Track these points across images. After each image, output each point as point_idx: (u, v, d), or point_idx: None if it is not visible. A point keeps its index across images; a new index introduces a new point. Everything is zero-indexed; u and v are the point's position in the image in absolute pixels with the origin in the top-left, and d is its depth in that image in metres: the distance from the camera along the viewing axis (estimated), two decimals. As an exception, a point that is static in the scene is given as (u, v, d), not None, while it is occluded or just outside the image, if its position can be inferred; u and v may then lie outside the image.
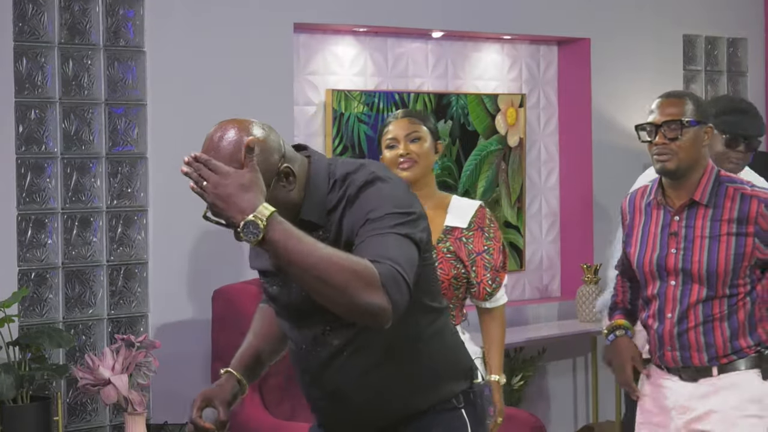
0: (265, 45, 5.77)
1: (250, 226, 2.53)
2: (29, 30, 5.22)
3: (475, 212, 4.25)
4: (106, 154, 5.40)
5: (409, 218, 2.68)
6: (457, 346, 2.94)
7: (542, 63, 7.06)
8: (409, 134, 4.23)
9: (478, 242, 4.20)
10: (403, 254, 2.60)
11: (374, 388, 2.82)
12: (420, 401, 2.83)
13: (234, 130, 2.72)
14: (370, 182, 2.71)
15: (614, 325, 4.02)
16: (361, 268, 2.52)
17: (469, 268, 4.17)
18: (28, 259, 5.22)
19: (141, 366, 5.06)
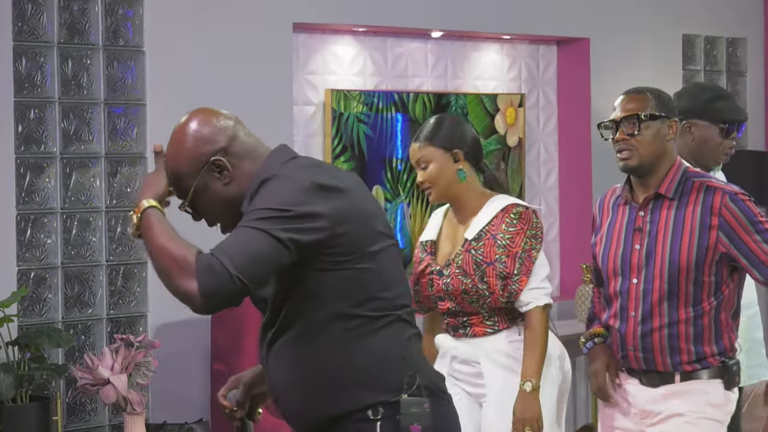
0: (265, 45, 5.77)
1: (132, 219, 2.81)
2: (28, 30, 5.22)
3: (491, 219, 4.11)
4: (106, 154, 5.41)
5: (282, 215, 2.69)
6: (389, 355, 2.86)
7: (542, 63, 7.06)
8: (417, 161, 4.19)
9: (489, 251, 4.08)
10: (241, 246, 2.65)
11: (293, 386, 2.88)
12: (336, 404, 2.84)
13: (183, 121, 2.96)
14: (267, 179, 2.77)
15: (592, 333, 3.94)
16: (182, 256, 2.66)
17: (476, 281, 4.06)
18: (27, 258, 5.23)
19: (140, 366, 5.07)
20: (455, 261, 4.12)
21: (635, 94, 3.79)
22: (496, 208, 4.13)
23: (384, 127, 6.35)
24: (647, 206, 3.76)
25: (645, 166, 3.73)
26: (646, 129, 3.71)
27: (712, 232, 3.65)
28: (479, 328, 4.14)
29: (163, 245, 2.70)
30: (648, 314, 3.72)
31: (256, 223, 2.67)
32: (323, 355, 2.82)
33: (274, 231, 2.66)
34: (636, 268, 3.74)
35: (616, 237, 3.82)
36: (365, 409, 2.82)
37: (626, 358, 3.80)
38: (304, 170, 2.79)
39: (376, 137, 6.34)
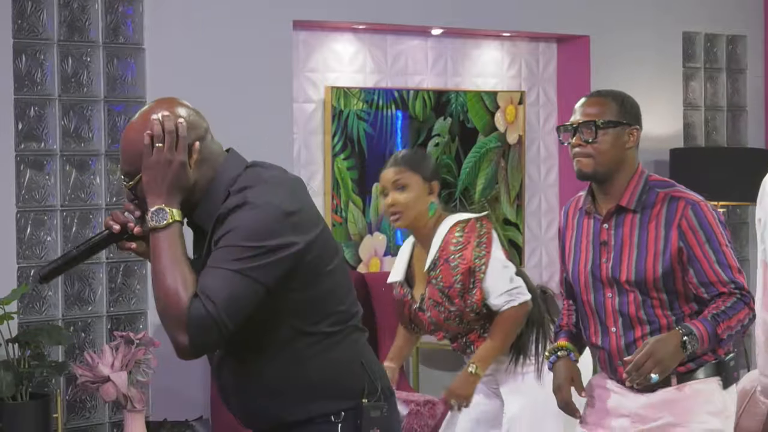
0: (265, 42, 5.77)
1: (161, 213, 2.72)
2: (28, 27, 5.22)
3: (441, 245, 4.14)
4: (106, 152, 5.40)
5: (256, 253, 2.68)
6: (347, 365, 2.91)
7: (542, 60, 7.06)
8: (395, 181, 4.16)
9: (447, 276, 4.13)
10: (227, 294, 2.65)
11: (250, 395, 2.89)
12: (295, 413, 2.87)
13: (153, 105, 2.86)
14: (239, 206, 2.72)
15: (555, 347, 3.87)
16: (177, 302, 2.65)
17: (447, 306, 4.12)
18: (27, 256, 5.22)
19: (140, 363, 5.06)
20: (425, 295, 4.17)
21: (596, 97, 3.64)
22: (443, 232, 4.16)
23: (384, 124, 6.35)
24: (610, 219, 3.66)
25: (601, 174, 3.59)
26: (604, 135, 3.55)
27: (674, 244, 3.52)
28: (480, 342, 4.18)
29: (165, 280, 2.68)
30: (628, 326, 3.61)
31: (236, 265, 2.67)
32: (285, 369, 2.84)
33: (253, 273, 2.68)
34: (607, 282, 3.65)
35: (584, 250, 3.70)
36: (328, 415, 2.87)
37: (615, 372, 3.71)
38: (273, 193, 2.76)
39: (376, 135, 6.34)
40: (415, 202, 4.16)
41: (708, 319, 3.51)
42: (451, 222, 4.18)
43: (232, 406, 2.97)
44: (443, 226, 4.18)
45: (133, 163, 2.76)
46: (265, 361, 2.83)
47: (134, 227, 2.80)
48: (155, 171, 2.73)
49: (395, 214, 4.17)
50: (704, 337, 3.50)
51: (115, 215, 2.80)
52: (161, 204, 2.73)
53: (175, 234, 2.72)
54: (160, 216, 2.72)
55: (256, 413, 2.91)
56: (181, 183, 2.75)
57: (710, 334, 3.51)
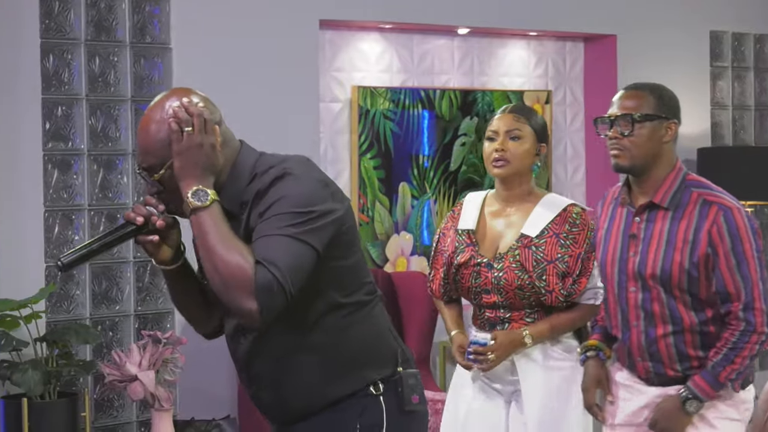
0: (291, 41, 5.77)
1: (201, 193, 2.74)
2: (56, 27, 5.23)
3: (555, 217, 4.06)
4: (133, 151, 5.41)
5: (307, 218, 2.73)
6: (381, 334, 2.97)
7: (568, 59, 7.04)
8: (510, 130, 4.08)
9: (551, 250, 4.02)
10: (288, 258, 2.68)
11: (291, 376, 2.89)
12: (338, 389, 2.90)
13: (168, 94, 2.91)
14: (280, 177, 2.77)
15: (587, 345, 3.86)
16: (240, 269, 2.66)
17: (534, 278, 4.00)
18: (55, 255, 5.22)
19: (167, 362, 5.07)
20: (511, 255, 4.04)
21: (634, 90, 3.62)
22: (557, 207, 4.09)
23: (410, 123, 6.34)
24: (643, 213, 3.63)
25: (637, 168, 3.56)
26: (641, 129, 3.53)
27: (702, 249, 3.50)
28: (518, 324, 4.07)
29: (222, 255, 2.68)
30: (650, 323, 3.59)
31: (289, 230, 2.70)
32: (323, 343, 2.87)
33: (306, 238, 2.72)
34: (632, 276, 3.62)
35: (613, 241, 3.67)
36: (367, 387, 2.91)
37: (634, 368, 3.70)
38: (306, 167, 2.84)
39: (403, 134, 6.33)
40: (524, 156, 4.09)
41: (709, 370, 3.53)
42: (563, 201, 4.13)
43: (263, 397, 2.97)
44: (554, 201, 4.12)
45: (159, 155, 2.77)
46: (304, 336, 2.86)
47: (157, 220, 2.80)
48: (188, 155, 2.75)
49: (501, 161, 4.07)
50: (707, 390, 3.55)
51: (138, 208, 2.82)
52: (198, 185, 2.75)
53: (218, 211, 2.74)
54: (202, 195, 2.74)
55: (292, 398, 2.91)
56: (212, 165, 2.78)
57: (712, 384, 3.54)
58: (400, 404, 2.94)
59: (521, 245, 4.04)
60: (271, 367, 2.90)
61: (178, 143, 2.75)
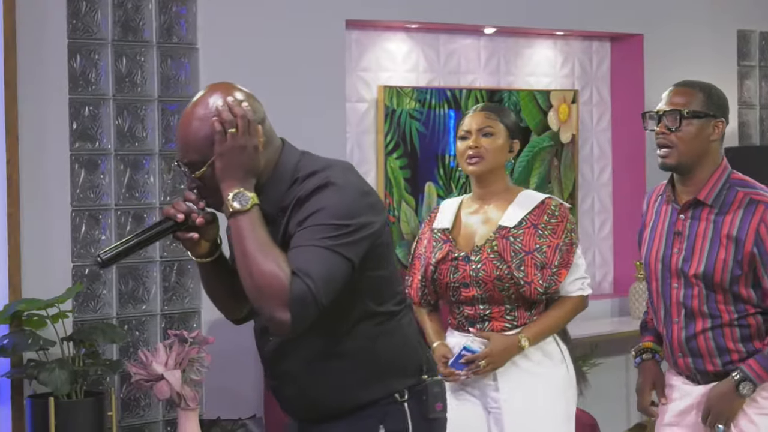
0: (318, 41, 5.77)
1: (242, 196, 2.73)
2: (83, 27, 5.23)
3: (533, 209, 4.08)
4: (160, 151, 5.41)
5: (345, 231, 2.72)
6: (409, 343, 2.98)
7: (595, 59, 7.02)
8: (482, 128, 4.12)
9: (529, 240, 4.03)
10: (323, 270, 2.68)
11: (317, 379, 2.91)
12: (364, 394, 2.91)
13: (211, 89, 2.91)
14: (322, 186, 2.76)
15: (641, 348, 3.85)
16: (276, 278, 2.65)
17: (513, 268, 3.99)
18: (82, 255, 5.23)
19: (194, 362, 5.06)
20: (488, 246, 4.04)
21: (684, 87, 3.66)
22: (534, 200, 4.12)
23: (437, 123, 6.33)
24: (687, 211, 3.64)
25: (683, 165, 3.58)
26: (688, 126, 3.56)
27: (747, 248, 3.52)
28: (498, 323, 4.06)
29: (258, 262, 2.68)
30: (690, 319, 3.61)
31: (326, 242, 2.70)
32: (352, 350, 2.88)
33: (343, 250, 2.72)
34: (675, 273, 3.63)
35: (658, 238, 3.70)
36: (392, 394, 2.92)
37: (677, 364, 3.71)
38: (349, 175, 2.84)
39: (429, 134, 6.32)
40: (498, 152, 4.12)
41: (765, 354, 3.55)
42: (540, 195, 4.15)
43: (286, 394, 2.98)
44: (531, 195, 4.14)
45: (201, 152, 2.76)
46: (336, 343, 2.87)
47: (197, 217, 2.81)
48: (231, 156, 2.74)
49: (476, 157, 4.10)
50: (760, 373, 3.56)
51: (177, 205, 2.82)
52: (239, 188, 2.74)
53: (257, 216, 2.73)
54: (243, 199, 2.73)
55: (316, 400, 2.93)
56: (254, 167, 2.77)
57: (766, 368, 3.54)
58: (424, 412, 2.96)
59: (498, 236, 4.05)
60: (298, 368, 2.93)
61: (221, 144, 2.74)
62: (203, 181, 2.79)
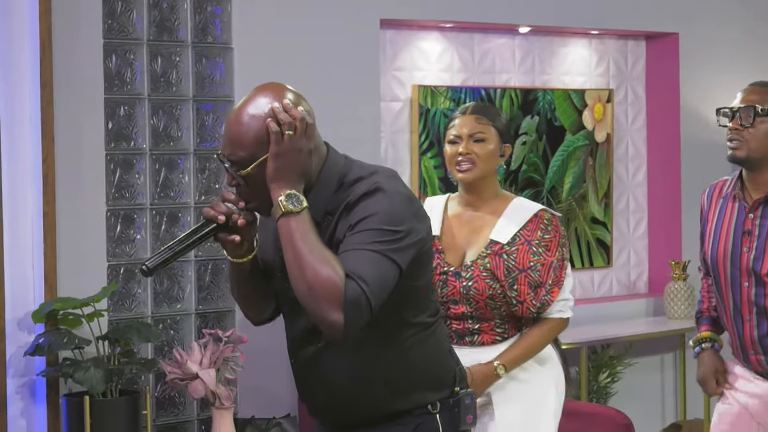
0: (352, 41, 5.77)
1: (294, 198, 2.71)
2: (118, 27, 5.24)
3: (526, 223, 3.95)
4: (195, 151, 5.42)
5: (395, 237, 2.71)
6: (441, 354, 2.98)
7: (630, 58, 7.00)
8: (473, 133, 3.98)
9: (523, 258, 3.90)
10: (376, 275, 2.67)
11: (350, 388, 2.89)
12: (396, 404, 2.90)
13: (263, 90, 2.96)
14: (371, 192, 2.76)
15: (699, 338, 3.85)
16: (330, 280, 2.62)
17: (506, 287, 3.88)
18: (117, 254, 5.24)
19: (228, 361, 5.05)
20: (480, 263, 3.91)
21: (760, 86, 3.72)
22: (527, 212, 3.97)
23: (471, 123, 6.31)
24: (757, 209, 3.64)
25: (752, 161, 3.63)
26: (761, 123, 3.61)
27: None
28: (488, 336, 3.97)
29: (312, 264, 2.65)
30: (762, 317, 3.63)
31: (378, 247, 2.69)
32: (389, 359, 2.88)
33: (394, 256, 2.71)
34: (746, 272, 3.63)
35: (725, 235, 3.70)
36: (425, 405, 2.92)
37: (748, 361, 3.70)
38: (395, 182, 2.83)
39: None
40: (490, 158, 3.97)
41: None
42: (534, 206, 4.01)
43: (318, 401, 2.98)
44: (524, 205, 3.99)
45: (249, 150, 2.75)
46: (370, 352, 2.86)
47: (238, 218, 2.78)
48: (286, 158, 2.72)
49: (467, 164, 3.95)
50: None
51: (217, 206, 2.80)
52: (291, 190, 2.72)
53: (308, 218, 2.71)
54: (296, 201, 2.71)
55: (347, 409, 2.92)
56: (306, 171, 2.77)
57: None
58: (455, 424, 2.96)
59: (491, 252, 3.92)
60: (332, 377, 2.92)
61: (278, 145, 2.72)
62: (246, 179, 2.77)
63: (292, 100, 2.82)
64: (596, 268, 6.80)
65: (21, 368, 5.00)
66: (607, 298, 6.88)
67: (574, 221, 6.66)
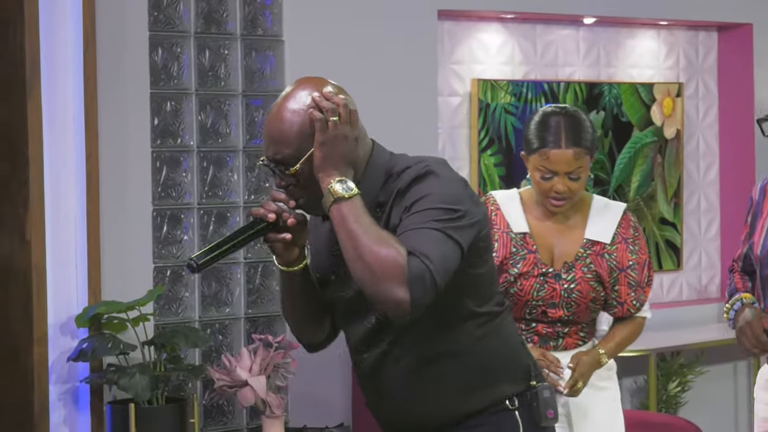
0: (408, 33, 5.72)
1: (345, 183, 2.72)
2: (165, 19, 5.21)
3: (619, 221, 3.91)
4: (244, 148, 5.37)
5: (453, 215, 2.72)
6: (513, 346, 2.97)
7: (701, 50, 6.92)
8: (572, 171, 3.79)
9: (623, 256, 3.88)
10: (439, 252, 2.66)
11: (423, 389, 2.89)
12: (471, 402, 2.89)
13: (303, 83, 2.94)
14: (422, 176, 2.77)
15: (738, 298, 3.74)
16: (392, 259, 2.61)
17: (609, 288, 3.87)
18: (163, 255, 5.21)
19: (279, 367, 5.02)
20: (582, 264, 3.86)
21: None
22: (616, 210, 3.93)
23: (533, 118, 6.26)
24: None
25: None
26: None
27: None
28: (572, 340, 3.93)
29: (369, 244, 2.64)
30: None
31: (437, 225, 2.69)
32: (456, 355, 2.87)
33: (454, 234, 2.71)
34: None
35: None
36: (502, 401, 2.90)
37: None
38: (445, 167, 2.84)
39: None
40: (583, 184, 3.87)
41: None
42: (617, 203, 4.01)
43: (387, 410, 2.96)
44: (605, 201, 3.98)
45: (295, 146, 2.76)
46: (437, 347, 2.85)
47: (289, 217, 2.79)
48: (333, 145, 2.74)
49: (563, 200, 3.83)
50: None
51: (267, 205, 2.80)
52: (340, 177, 2.73)
53: (360, 203, 2.72)
54: (345, 186, 2.72)
55: (421, 413, 2.91)
56: (354, 159, 2.78)
57: None
58: (536, 420, 2.93)
59: (592, 252, 3.88)
60: (400, 380, 2.90)
61: (323, 133, 2.73)
62: (296, 177, 2.79)
63: (332, 90, 2.83)
64: (665, 272, 6.73)
65: (64, 374, 4.98)
66: (677, 302, 6.82)
67: (642, 222, 6.56)
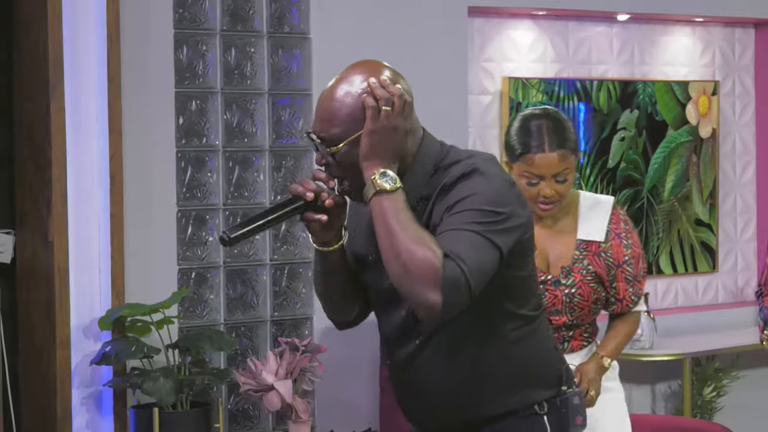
0: (438, 30, 5.67)
1: (389, 176, 2.71)
2: (190, 17, 5.18)
3: (610, 217, 3.88)
4: (270, 147, 5.33)
5: (496, 218, 2.70)
6: (546, 352, 2.96)
7: (737, 47, 6.85)
8: (558, 173, 3.76)
9: (618, 252, 3.86)
10: (476, 256, 2.64)
11: (454, 387, 2.88)
12: (500, 404, 2.88)
13: None
14: (468, 174, 2.75)
15: None
16: (427, 260, 2.60)
17: (608, 287, 3.86)
18: (188, 257, 5.18)
19: (306, 371, 5.00)
20: (580, 267, 3.84)
21: None
22: (605, 205, 3.90)
23: (565, 117, 6.21)
24: None
25: None
26: None
27: None
28: (577, 342, 3.93)
29: (406, 243, 2.64)
30: None
31: (477, 227, 2.67)
32: (492, 355, 2.86)
33: (494, 237, 2.69)
34: None
35: None
36: (532, 405, 2.90)
37: None
38: (494, 165, 2.82)
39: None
40: (570, 185, 3.84)
41: None
42: (606, 198, 3.97)
43: (418, 406, 2.96)
44: (592, 196, 3.95)
45: (343, 127, 2.75)
46: (472, 347, 2.84)
47: (327, 197, 2.78)
48: (382, 136, 2.73)
49: (552, 204, 3.81)
50: None
51: (306, 182, 2.80)
52: (385, 169, 2.72)
53: (402, 198, 2.72)
54: (389, 179, 2.72)
55: (451, 411, 2.90)
56: (402, 151, 2.77)
57: None
58: (564, 426, 2.94)
59: (588, 253, 3.86)
60: (433, 376, 2.89)
61: (374, 121, 2.72)
62: (336, 157, 2.78)
63: (390, 77, 2.80)
64: (700, 274, 6.67)
65: (87, 378, 4.97)
66: (712, 305, 6.77)
67: (677, 223, 6.53)
